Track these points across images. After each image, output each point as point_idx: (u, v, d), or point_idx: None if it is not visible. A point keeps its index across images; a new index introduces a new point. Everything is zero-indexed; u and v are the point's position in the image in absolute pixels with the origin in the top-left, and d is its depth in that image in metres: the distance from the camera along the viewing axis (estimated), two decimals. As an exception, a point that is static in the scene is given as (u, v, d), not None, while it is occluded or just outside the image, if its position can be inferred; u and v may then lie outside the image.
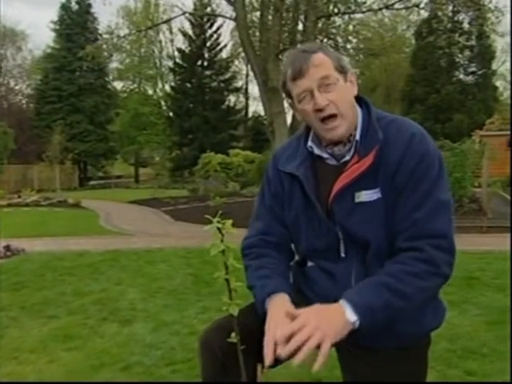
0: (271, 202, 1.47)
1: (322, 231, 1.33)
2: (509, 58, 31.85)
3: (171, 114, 33.26)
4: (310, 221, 1.36)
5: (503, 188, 12.56)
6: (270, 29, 11.70)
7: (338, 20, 14.83)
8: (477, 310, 4.23)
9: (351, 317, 1.15)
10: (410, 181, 1.25)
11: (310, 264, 1.46)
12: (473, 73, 28.16)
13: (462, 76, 28.41)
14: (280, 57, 12.28)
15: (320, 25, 13.27)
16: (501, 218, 9.42)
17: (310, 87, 1.27)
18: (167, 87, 37.52)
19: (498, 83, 31.04)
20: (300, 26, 13.17)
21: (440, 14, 24.60)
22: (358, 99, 1.37)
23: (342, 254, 1.32)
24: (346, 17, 14.46)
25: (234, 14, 13.56)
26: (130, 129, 33.19)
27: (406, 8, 12.42)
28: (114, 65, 36.92)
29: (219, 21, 30.16)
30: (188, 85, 30.87)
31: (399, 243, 1.25)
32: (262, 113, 39.36)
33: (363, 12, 12.67)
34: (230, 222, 1.08)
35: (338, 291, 1.24)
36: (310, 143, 1.39)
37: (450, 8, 23.99)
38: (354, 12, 12.46)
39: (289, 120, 13.14)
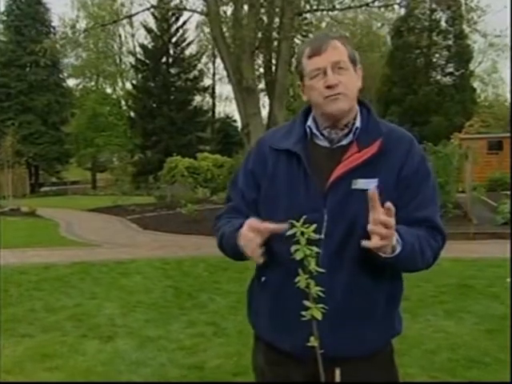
0: (242, 182, 1.57)
1: (308, 206, 1.40)
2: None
3: (133, 114, 32.85)
4: (294, 196, 1.44)
5: (486, 193, 13.04)
6: (245, 25, 11.79)
7: (309, 17, 15.10)
8: (474, 319, 4.42)
9: (397, 245, 1.29)
10: (415, 177, 1.44)
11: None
12: (450, 73, 29.08)
13: (439, 77, 29.29)
14: (255, 55, 12.42)
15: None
16: (486, 224, 9.80)
17: (325, 66, 1.41)
18: (128, 85, 37.12)
19: (476, 84, 32.18)
20: (274, 24, 13.35)
21: (417, 12, 25.49)
22: (360, 102, 1.53)
23: (322, 236, 1.38)
24: (319, 14, 14.76)
25: (204, 9, 13.64)
26: (86, 130, 32.62)
27: (386, 6, 12.73)
28: (68, 60, 36.27)
29: (185, 15, 30.16)
30: (152, 83, 30.59)
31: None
32: (231, 114, 39.62)
33: (342, 9, 12.95)
34: (313, 227, 1.13)
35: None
36: (309, 123, 1.51)
37: (427, 6, 24.79)
38: (333, 9, 12.72)
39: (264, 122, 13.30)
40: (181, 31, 31.11)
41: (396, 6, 15.13)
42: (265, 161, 1.53)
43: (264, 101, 18.83)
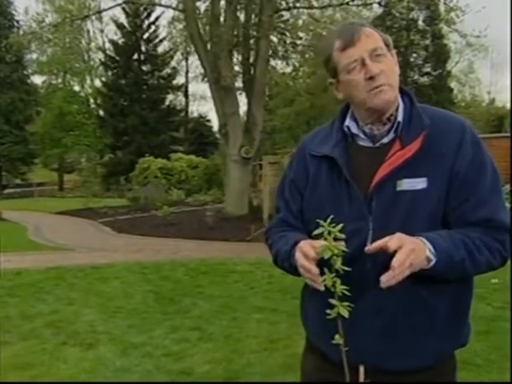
0: (287, 193, 1.54)
1: (351, 215, 1.34)
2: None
3: (103, 113, 32.52)
4: (337, 204, 1.37)
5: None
6: (223, 23, 11.81)
7: (286, 14, 15.20)
8: (461, 319, 4.54)
9: (431, 255, 1.22)
10: (471, 171, 1.31)
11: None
12: (428, 73, 29.66)
13: (416, 76, 29.83)
14: (233, 53, 12.45)
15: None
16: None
17: (362, 56, 1.32)
18: (98, 83, 36.68)
19: (453, 85, 32.86)
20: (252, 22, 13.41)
21: (394, 11, 25.94)
22: (401, 90, 1.43)
23: (368, 245, 1.30)
24: (295, 11, 14.87)
25: (180, 5, 13.62)
26: (53, 129, 32.07)
27: (366, 5, 12.93)
28: (32, 56, 35.55)
29: (158, 10, 30.01)
30: (123, 81, 30.34)
31: (474, 234, 1.30)
32: (204, 114, 39.54)
33: (322, 7, 13.10)
34: (339, 226, 1.13)
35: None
36: (347, 122, 1.43)
37: (405, 5, 25.25)
38: (312, 7, 12.85)
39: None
40: (153, 27, 31.03)
41: (374, 5, 15.44)
42: (306, 168, 1.48)
43: (240, 100, 18.84)
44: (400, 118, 1.37)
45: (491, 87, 37.98)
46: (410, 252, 1.17)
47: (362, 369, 1.09)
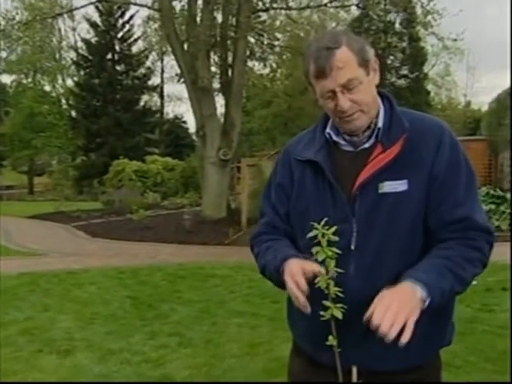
0: (273, 196, 1.57)
1: (336, 217, 1.37)
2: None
3: (75, 113, 32.08)
4: (322, 207, 1.42)
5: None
6: (200, 23, 11.82)
7: (263, 15, 15.29)
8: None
9: (423, 295, 1.24)
10: (448, 172, 1.36)
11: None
12: (405, 76, 30.14)
13: (394, 79, 30.28)
14: (211, 53, 12.46)
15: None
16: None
17: (333, 89, 1.35)
18: (70, 82, 36.22)
19: (429, 87, 33.43)
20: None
21: (371, 13, 26.31)
22: (381, 95, 1.49)
23: (352, 247, 1.36)
24: (272, 12, 14.97)
25: (155, 4, 13.57)
26: (22, 131, 31.50)
27: (344, 6, 13.10)
28: (0, 54, 34.90)
29: (132, 9, 29.80)
30: (96, 81, 30.01)
31: (448, 234, 1.35)
32: (180, 115, 39.37)
33: (301, 9, 13.22)
34: (333, 229, 1.17)
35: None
36: (328, 130, 1.48)
37: (382, 7, 25.62)
38: (290, 8, 12.96)
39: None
40: (127, 26, 30.77)
41: (352, 7, 15.64)
42: (291, 172, 1.53)
43: (218, 101, 18.85)
44: (380, 123, 1.42)
45: (467, 90, 38.56)
46: (398, 310, 1.19)
47: (354, 370, 1.13)
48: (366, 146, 1.43)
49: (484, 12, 49.25)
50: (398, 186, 1.35)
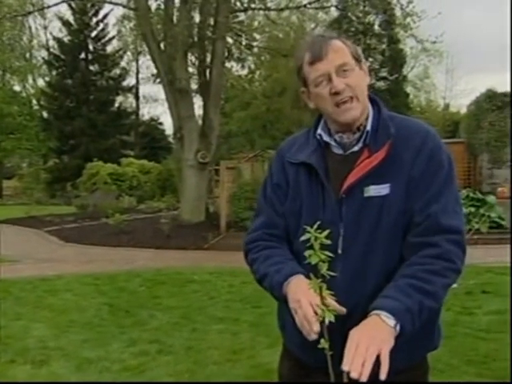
0: (271, 195, 1.60)
1: (325, 220, 1.41)
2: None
3: (47, 114, 31.66)
4: (314, 209, 1.46)
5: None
6: (178, 23, 11.81)
7: (241, 15, 15.35)
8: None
9: (391, 322, 1.26)
10: (424, 175, 1.40)
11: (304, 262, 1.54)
12: (384, 78, 30.50)
13: (373, 81, 30.62)
14: (188, 54, 12.44)
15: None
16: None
17: (328, 71, 1.41)
18: (41, 82, 35.71)
19: (408, 89, 33.90)
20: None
21: (350, 14, 26.61)
22: (370, 99, 1.52)
23: (339, 251, 1.40)
24: (250, 12, 15.03)
25: (130, 2, 13.50)
26: (-10, 132, 30.97)
27: (323, 8, 13.23)
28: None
29: (106, 8, 29.58)
30: (69, 81, 29.64)
31: (413, 238, 1.38)
32: (156, 117, 39.12)
33: (280, 9, 13.30)
34: (326, 232, 1.19)
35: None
36: (319, 131, 1.53)
37: (361, 8, 25.94)
38: (269, 9, 13.03)
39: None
40: (101, 25, 30.52)
41: (331, 8, 15.81)
42: (285, 174, 1.57)
43: (195, 103, 18.82)
44: (369, 127, 1.47)
45: (446, 92, 39.19)
46: (368, 346, 1.21)
47: (345, 371, 1.15)
48: (355, 149, 1.48)
49: (462, 15, 50.25)
50: (381, 189, 1.40)
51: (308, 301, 1.29)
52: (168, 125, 40.52)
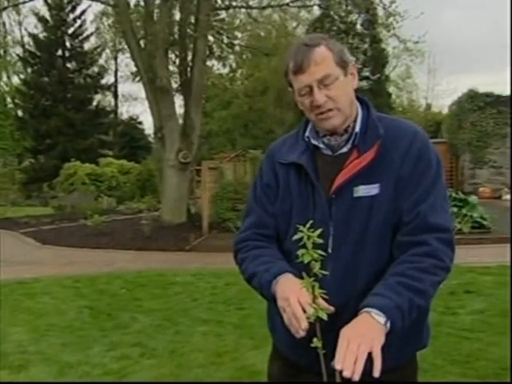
0: (261, 195, 1.63)
1: (316, 219, 1.44)
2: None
3: (22, 113, 31.21)
4: (304, 210, 1.50)
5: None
6: (158, 20, 11.76)
7: (222, 13, 15.35)
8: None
9: (381, 320, 1.28)
10: (413, 175, 1.44)
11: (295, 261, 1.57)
12: (366, 78, 30.75)
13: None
14: (169, 52, 12.40)
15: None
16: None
17: (310, 84, 1.44)
18: (16, 80, 35.18)
19: (391, 89, 34.20)
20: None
21: (332, 13, 26.77)
22: (359, 99, 1.56)
23: (329, 250, 1.43)
24: (231, 11, 15.03)
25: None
26: (-37, 131, 30.46)
27: (306, 6, 13.30)
28: None
29: (84, 4, 29.30)
30: (45, 79, 29.25)
31: (402, 237, 1.42)
32: (135, 116, 38.83)
33: (263, 8, 13.33)
34: (318, 231, 1.22)
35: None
36: (307, 133, 1.57)
37: (343, 7, 26.09)
38: (251, 7, 13.05)
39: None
40: (79, 22, 30.18)
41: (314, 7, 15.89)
42: (275, 174, 1.60)
43: (176, 102, 18.75)
44: (357, 128, 1.51)
45: (428, 92, 39.62)
46: (358, 343, 1.23)
47: (338, 371, 1.17)
48: (344, 150, 1.51)
49: (444, 15, 50.92)
50: (371, 189, 1.44)
51: (296, 298, 1.31)
52: (147, 124, 40.34)
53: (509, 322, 4.57)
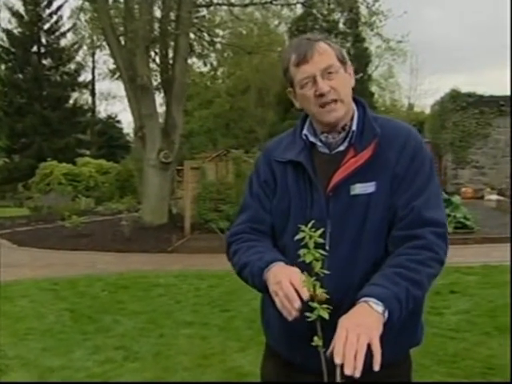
0: (259, 191, 1.65)
1: (313, 217, 1.46)
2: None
3: (-4, 111, 30.83)
4: (301, 208, 1.53)
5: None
6: (138, 17, 11.70)
7: (203, 10, 15.33)
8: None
9: (379, 309, 1.30)
10: (407, 173, 1.49)
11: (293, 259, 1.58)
12: (349, 77, 30.94)
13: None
14: (150, 49, 12.35)
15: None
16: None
17: (314, 73, 1.48)
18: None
19: (373, 89, 34.49)
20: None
21: (315, 12, 26.91)
22: (355, 100, 1.60)
23: (327, 247, 1.44)
24: (212, 8, 15.02)
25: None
26: None
27: (289, 4, 13.36)
28: None
29: (59, -1, 29.04)
30: (20, 76, 28.95)
31: (397, 232, 1.46)
32: (113, 114, 38.50)
33: (246, 5, 13.35)
34: (320, 231, 1.24)
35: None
36: (305, 131, 1.60)
37: (326, 6, 26.24)
38: (233, 5, 13.07)
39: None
40: (55, 17, 29.90)
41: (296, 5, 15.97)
42: (272, 172, 1.63)
43: (157, 100, 18.65)
44: (354, 127, 1.55)
45: (411, 92, 40.03)
46: (357, 335, 1.25)
47: (338, 370, 1.19)
48: (341, 148, 1.55)
49: (426, 15, 51.48)
50: (367, 188, 1.48)
51: (288, 280, 1.33)
52: (126, 123, 40.09)
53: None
